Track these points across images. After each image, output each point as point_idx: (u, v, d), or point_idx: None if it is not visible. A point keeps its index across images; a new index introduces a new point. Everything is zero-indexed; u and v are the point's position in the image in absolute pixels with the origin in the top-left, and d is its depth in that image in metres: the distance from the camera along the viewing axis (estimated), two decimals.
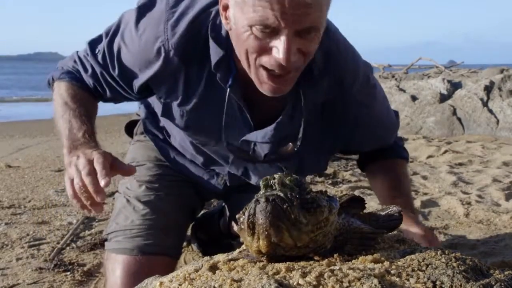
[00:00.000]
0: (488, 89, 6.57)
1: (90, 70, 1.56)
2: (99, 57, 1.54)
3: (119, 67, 1.51)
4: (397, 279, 0.82)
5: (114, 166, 1.32)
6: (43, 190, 3.63)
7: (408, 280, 0.82)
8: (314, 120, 1.53)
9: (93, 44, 1.57)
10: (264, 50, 1.22)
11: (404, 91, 7.25)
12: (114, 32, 1.52)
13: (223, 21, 1.31)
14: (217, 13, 1.37)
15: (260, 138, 1.53)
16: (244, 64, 1.30)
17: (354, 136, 1.62)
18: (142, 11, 1.47)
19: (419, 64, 12.10)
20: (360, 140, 1.65)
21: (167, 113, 1.56)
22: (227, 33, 1.35)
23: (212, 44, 1.39)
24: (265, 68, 1.26)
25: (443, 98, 6.77)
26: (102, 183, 1.23)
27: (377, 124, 1.63)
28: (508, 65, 8.76)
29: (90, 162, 1.27)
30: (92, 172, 1.25)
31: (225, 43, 1.38)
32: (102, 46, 1.54)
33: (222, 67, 1.40)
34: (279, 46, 1.19)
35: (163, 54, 1.41)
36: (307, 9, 1.15)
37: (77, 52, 1.61)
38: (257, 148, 1.57)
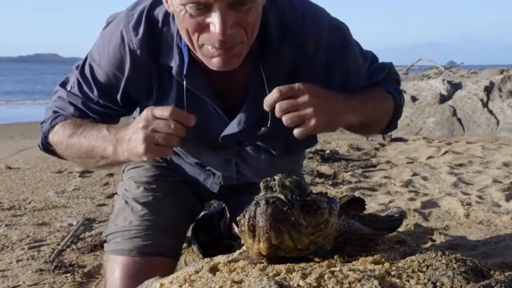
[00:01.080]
0: (488, 89, 6.56)
1: (71, 108, 1.54)
2: (75, 89, 1.53)
3: (97, 86, 1.50)
4: (398, 280, 0.82)
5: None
6: (43, 191, 3.63)
7: (408, 281, 0.82)
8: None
9: (63, 85, 1.58)
10: (202, 27, 1.22)
11: (404, 92, 7.23)
12: (83, 62, 1.54)
13: (165, 5, 1.33)
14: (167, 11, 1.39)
15: (236, 127, 1.51)
16: (189, 45, 1.30)
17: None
18: (106, 26, 1.52)
19: (419, 65, 12.10)
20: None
21: None
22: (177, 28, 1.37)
23: (165, 39, 1.42)
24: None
25: (443, 99, 6.77)
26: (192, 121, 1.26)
27: (353, 82, 1.55)
28: (508, 66, 8.76)
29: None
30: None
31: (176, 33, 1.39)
32: (74, 79, 1.55)
33: (176, 60, 1.41)
34: (214, 21, 1.19)
35: (130, 55, 1.42)
36: None
37: (50, 103, 1.60)
38: (238, 137, 1.55)
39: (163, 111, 1.25)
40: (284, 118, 1.27)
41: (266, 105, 1.29)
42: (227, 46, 1.24)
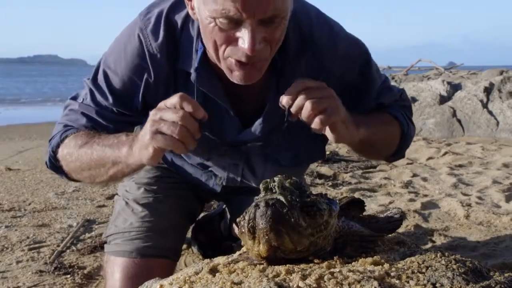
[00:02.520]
0: (488, 90, 6.56)
1: (84, 119, 1.48)
2: (88, 100, 1.49)
3: (112, 94, 1.46)
4: (397, 281, 0.82)
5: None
6: (43, 192, 3.63)
7: (408, 282, 0.82)
8: None
9: (75, 98, 1.54)
10: (231, 40, 1.21)
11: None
12: (95, 71, 1.50)
13: (190, 11, 1.31)
14: (187, 16, 1.39)
15: (251, 134, 1.51)
16: (213, 55, 1.29)
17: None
18: (118, 36, 1.49)
19: (418, 66, 12.10)
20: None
21: None
22: (198, 31, 1.36)
23: (184, 45, 1.41)
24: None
25: (442, 99, 6.77)
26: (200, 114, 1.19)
27: (366, 98, 1.56)
28: (507, 67, 8.75)
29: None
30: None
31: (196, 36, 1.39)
32: (85, 91, 1.51)
33: (195, 66, 1.40)
34: (244, 37, 1.18)
35: (150, 59, 1.41)
36: None
37: (60, 118, 1.55)
38: (250, 144, 1.56)
39: (173, 99, 1.21)
40: (308, 103, 1.22)
41: (287, 95, 1.25)
42: (253, 61, 1.23)
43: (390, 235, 1.18)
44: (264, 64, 1.29)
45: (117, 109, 1.48)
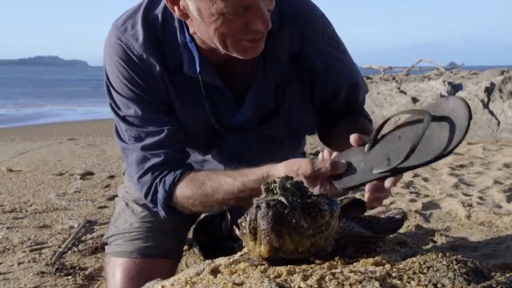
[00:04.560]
0: (489, 90, 6.56)
1: (162, 145, 1.48)
2: (133, 132, 1.49)
3: (142, 111, 1.47)
4: (398, 282, 0.82)
5: None
6: (44, 194, 3.64)
7: (409, 282, 0.82)
8: (288, 75, 1.54)
9: (122, 139, 1.54)
10: (241, 26, 1.27)
11: (405, 93, 7.24)
12: (114, 111, 1.51)
13: (177, 13, 1.34)
14: (164, 12, 1.43)
15: (245, 113, 1.54)
16: (219, 47, 1.33)
17: (328, 83, 1.57)
18: (104, 53, 1.51)
19: (419, 66, 12.11)
20: (333, 86, 1.57)
21: None
22: (179, 23, 1.41)
23: (168, 39, 1.44)
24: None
25: None
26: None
27: (347, 71, 1.60)
28: (508, 67, 8.75)
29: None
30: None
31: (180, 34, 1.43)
32: (123, 127, 1.51)
33: (186, 58, 1.43)
34: (256, 18, 1.24)
35: (138, 61, 1.43)
36: None
37: (135, 168, 1.51)
38: (247, 123, 1.58)
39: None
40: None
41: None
42: (265, 33, 1.31)
43: (391, 236, 1.18)
44: (265, 35, 1.35)
45: (148, 111, 1.48)
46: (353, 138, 1.18)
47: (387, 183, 1.12)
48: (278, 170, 1.27)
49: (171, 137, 1.48)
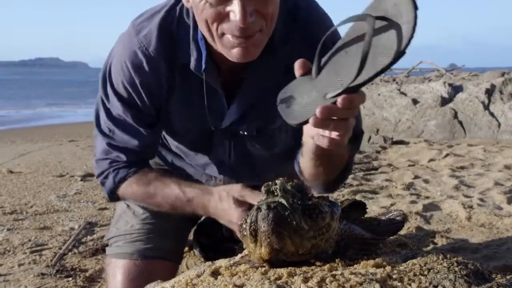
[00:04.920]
0: (489, 92, 6.56)
1: (123, 154, 1.53)
2: (110, 126, 1.51)
3: (124, 103, 1.48)
4: (399, 284, 0.82)
5: None
6: (45, 195, 3.63)
7: (410, 285, 0.82)
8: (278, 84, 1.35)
9: (98, 125, 1.55)
10: (222, 16, 1.23)
11: (405, 94, 7.24)
12: (103, 90, 1.51)
13: (184, 1, 1.34)
14: (181, 10, 1.42)
15: (232, 116, 1.52)
16: (208, 38, 1.31)
17: None
18: (115, 45, 1.51)
19: (420, 68, 12.09)
20: None
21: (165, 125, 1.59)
22: (193, 21, 1.38)
23: (181, 38, 1.42)
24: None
25: (444, 101, 6.77)
26: None
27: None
28: (509, 68, 8.74)
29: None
30: None
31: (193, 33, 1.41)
32: (103, 116, 1.52)
33: (194, 54, 1.42)
34: (234, 9, 1.20)
35: (148, 62, 1.42)
36: None
37: (99, 154, 1.56)
38: (234, 127, 1.56)
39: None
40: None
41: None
42: (247, 34, 1.24)
43: (391, 237, 1.17)
44: (261, 39, 1.29)
45: (133, 118, 1.49)
46: (297, 65, 1.06)
47: (340, 102, 0.95)
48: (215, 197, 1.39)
49: (142, 147, 1.52)
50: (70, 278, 2.11)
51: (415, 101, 6.99)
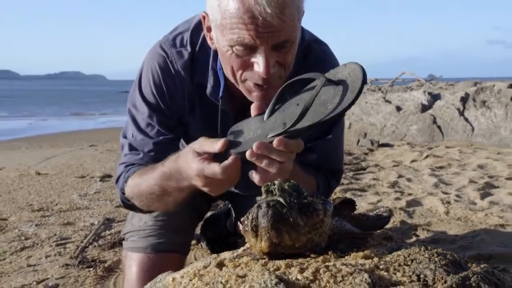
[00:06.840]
0: (464, 100, 6.56)
1: (140, 154, 1.45)
2: (136, 133, 1.46)
3: (154, 110, 1.44)
4: (385, 273, 0.82)
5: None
6: (68, 194, 3.63)
7: (395, 274, 0.82)
8: None
9: (125, 136, 1.50)
10: (247, 65, 1.21)
11: (390, 102, 7.25)
12: (133, 95, 1.47)
13: (208, 41, 1.32)
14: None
15: None
16: (231, 79, 1.29)
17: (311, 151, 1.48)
18: (146, 57, 1.47)
19: (402, 78, 12.11)
20: (317, 152, 1.49)
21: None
22: (214, 51, 1.36)
23: (200, 60, 1.40)
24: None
25: (424, 108, 6.77)
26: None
27: (334, 146, 1.52)
28: (481, 79, 8.74)
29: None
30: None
31: (212, 60, 1.39)
32: (131, 125, 1.47)
33: (211, 82, 1.40)
34: (259, 62, 1.18)
35: (176, 76, 1.41)
36: (279, 26, 1.13)
37: (121, 159, 1.50)
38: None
39: (213, 169, 1.10)
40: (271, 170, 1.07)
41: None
42: (268, 83, 1.22)
43: (379, 231, 1.17)
44: (279, 84, 1.25)
45: (158, 122, 1.44)
46: (253, 106, 1.09)
47: (275, 142, 0.99)
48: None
49: (160, 150, 1.43)
50: (91, 268, 2.10)
51: (398, 108, 6.99)
